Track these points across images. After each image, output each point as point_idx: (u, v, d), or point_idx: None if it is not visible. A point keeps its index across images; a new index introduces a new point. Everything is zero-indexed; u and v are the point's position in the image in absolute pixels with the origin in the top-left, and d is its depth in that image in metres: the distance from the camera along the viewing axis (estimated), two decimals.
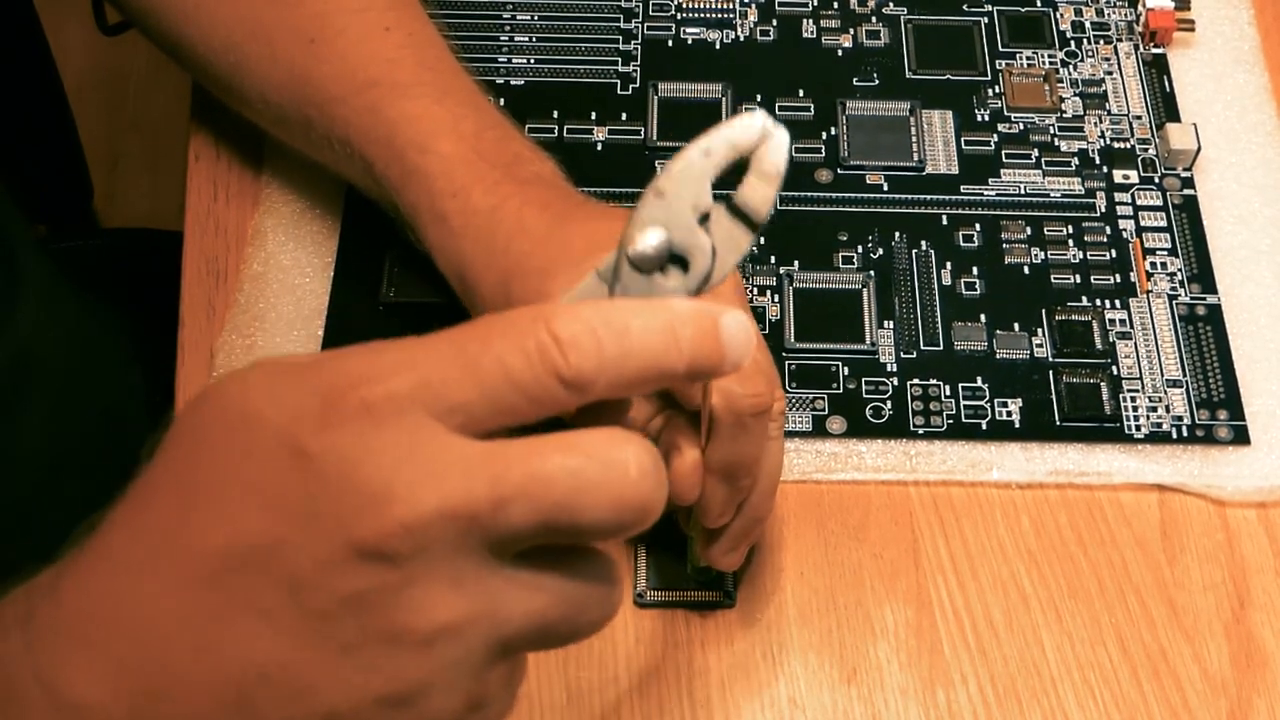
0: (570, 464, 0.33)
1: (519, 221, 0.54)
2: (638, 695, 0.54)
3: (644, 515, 0.34)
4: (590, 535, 0.34)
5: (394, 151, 0.56)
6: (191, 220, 0.66)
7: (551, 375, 0.34)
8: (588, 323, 0.34)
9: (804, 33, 0.73)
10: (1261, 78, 0.71)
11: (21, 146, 1.14)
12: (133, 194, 1.53)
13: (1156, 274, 0.64)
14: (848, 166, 0.68)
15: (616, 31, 0.72)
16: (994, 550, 0.58)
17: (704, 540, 0.52)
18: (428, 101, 0.57)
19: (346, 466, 0.33)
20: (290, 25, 0.60)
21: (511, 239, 0.53)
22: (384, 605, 0.33)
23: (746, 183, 0.38)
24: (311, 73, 0.59)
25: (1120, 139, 0.69)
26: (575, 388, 0.34)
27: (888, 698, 0.54)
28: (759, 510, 0.51)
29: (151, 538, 0.35)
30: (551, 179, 0.57)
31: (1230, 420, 0.60)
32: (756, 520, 0.51)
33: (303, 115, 0.59)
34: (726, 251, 0.38)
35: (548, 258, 0.52)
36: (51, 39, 1.10)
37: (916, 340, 0.62)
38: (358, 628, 0.33)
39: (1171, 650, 0.55)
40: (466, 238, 0.54)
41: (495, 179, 0.55)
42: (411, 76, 0.58)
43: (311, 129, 0.59)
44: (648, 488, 0.34)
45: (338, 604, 0.33)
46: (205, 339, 0.62)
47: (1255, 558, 0.58)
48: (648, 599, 0.56)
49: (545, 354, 0.34)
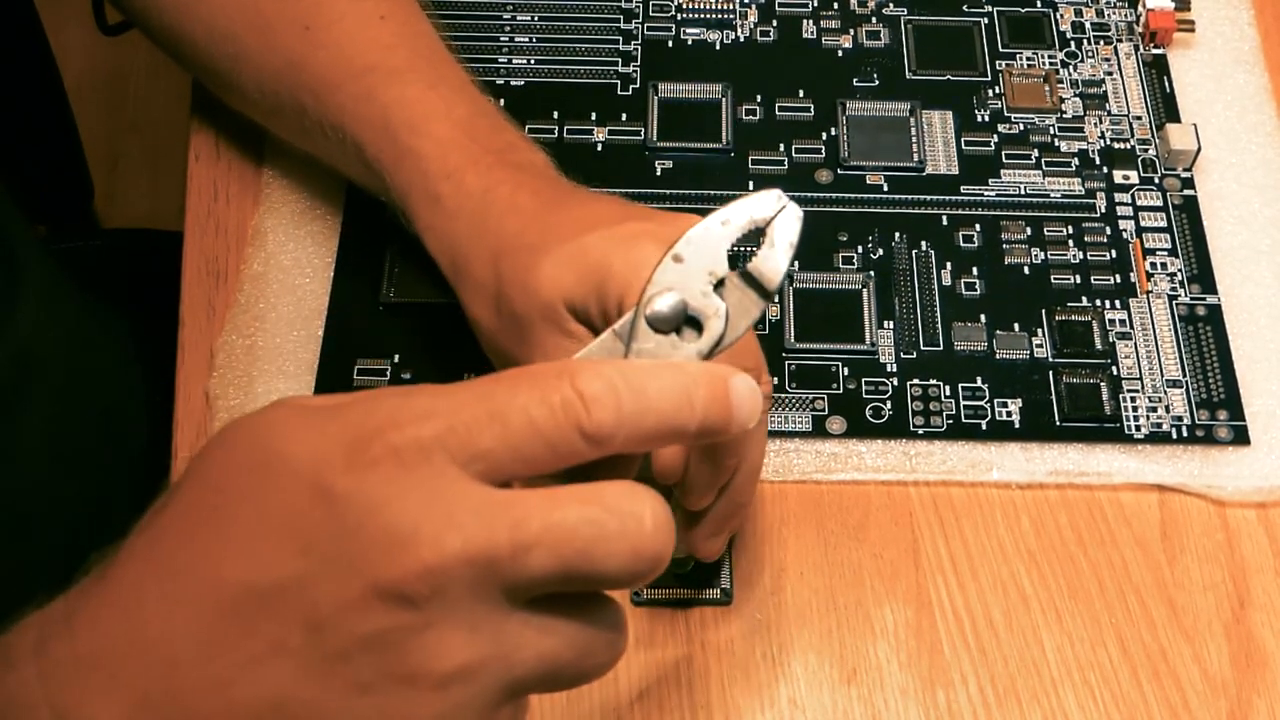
0: (590, 514, 0.34)
1: (511, 202, 0.54)
2: (638, 696, 0.54)
3: (657, 565, 0.35)
4: (606, 584, 0.35)
5: (387, 135, 0.57)
6: (192, 220, 0.66)
7: (574, 428, 0.35)
8: (610, 380, 0.35)
9: (804, 33, 0.73)
10: (1261, 78, 0.71)
11: (22, 147, 1.14)
12: (133, 194, 1.53)
13: (1156, 274, 0.64)
14: (848, 167, 0.68)
15: (616, 32, 0.72)
16: (994, 550, 0.58)
17: (685, 526, 0.52)
18: (422, 87, 0.58)
19: (371, 508, 0.34)
20: (287, 14, 0.60)
21: (503, 218, 0.54)
22: (402, 647, 0.34)
23: (760, 253, 0.40)
24: (307, 59, 0.59)
25: (1120, 139, 0.69)
26: (595, 442, 0.35)
27: (888, 698, 0.54)
28: (741, 494, 0.52)
29: (171, 570, 0.35)
30: (544, 168, 0.57)
31: (1230, 420, 0.60)
32: (738, 505, 0.52)
33: (297, 102, 0.60)
34: (739, 316, 0.40)
35: (538, 236, 0.52)
36: (52, 39, 1.11)
37: (916, 340, 0.62)
38: (375, 668, 0.34)
39: (1171, 650, 0.55)
40: (459, 218, 0.55)
41: (489, 163, 0.55)
42: (405, 63, 0.59)
43: (305, 116, 0.60)
44: (662, 540, 0.35)
45: (356, 644, 0.34)
46: (205, 339, 0.62)
47: (1255, 558, 0.58)
48: (644, 596, 0.56)
49: (570, 408, 0.35)
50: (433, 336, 0.62)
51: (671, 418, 0.36)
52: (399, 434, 0.34)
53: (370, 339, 0.62)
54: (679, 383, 0.36)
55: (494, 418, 0.35)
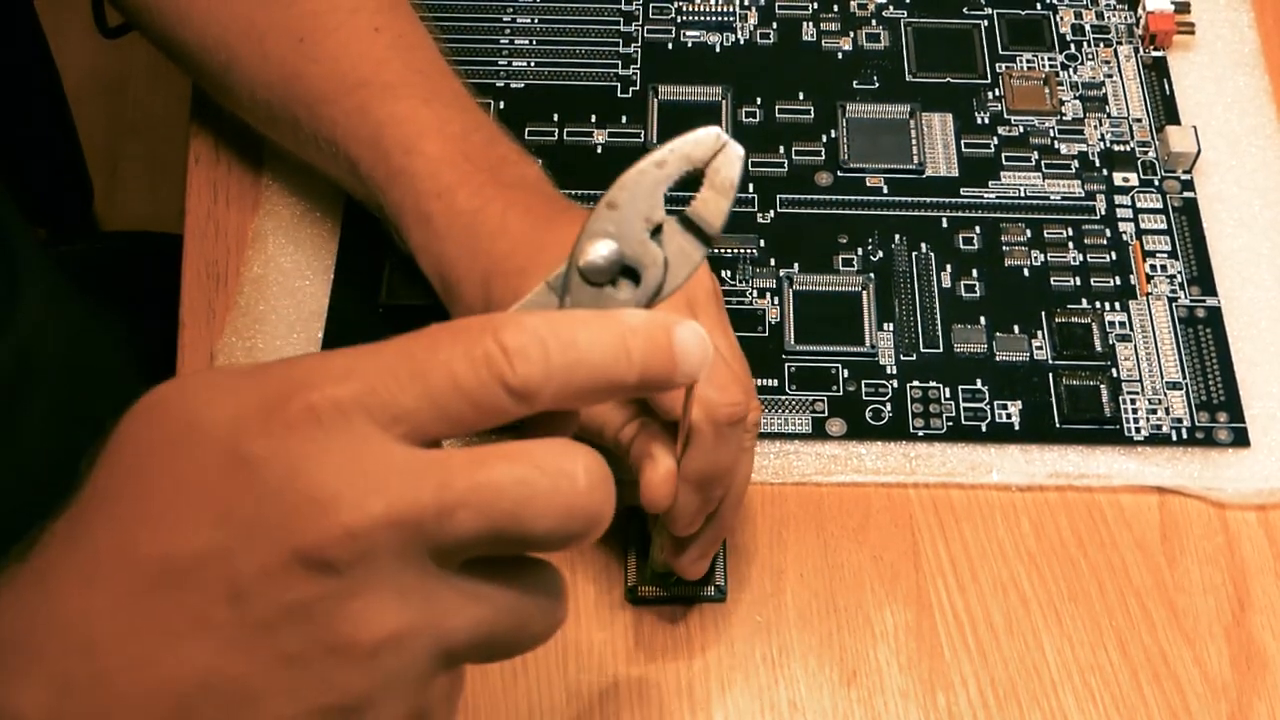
0: (518, 472, 0.33)
1: (501, 223, 0.54)
2: (638, 697, 0.54)
3: (593, 525, 0.34)
4: (538, 545, 0.34)
5: (380, 152, 0.57)
6: (192, 223, 0.66)
7: (498, 384, 0.33)
8: (535, 332, 0.34)
9: (804, 36, 0.73)
10: (1262, 80, 0.71)
11: (22, 149, 1.14)
12: (133, 197, 1.53)
13: (1156, 276, 0.64)
14: (848, 169, 0.68)
15: (617, 34, 0.72)
16: (994, 553, 0.58)
17: (672, 548, 0.52)
18: (415, 103, 0.57)
19: (289, 472, 0.32)
20: (281, 25, 0.60)
21: (494, 240, 0.53)
22: (327, 615, 0.32)
23: (700, 195, 0.38)
24: (301, 72, 0.59)
25: (1120, 142, 0.69)
26: (521, 397, 0.34)
27: (888, 700, 0.54)
28: (727, 521, 0.51)
29: (90, 549, 0.34)
30: (536, 183, 0.57)
31: (1230, 423, 0.60)
32: (724, 529, 0.52)
33: (291, 114, 0.60)
34: (679, 264, 0.38)
35: (527, 258, 0.52)
36: (52, 42, 1.11)
37: (916, 342, 0.62)
38: (301, 638, 0.33)
39: (1172, 653, 0.55)
40: (450, 239, 0.55)
41: (480, 181, 0.55)
42: (399, 78, 0.58)
43: (299, 128, 0.60)
44: (598, 498, 0.34)
45: (280, 613, 0.32)
46: (205, 342, 0.62)
47: (1255, 560, 0.58)
48: (640, 595, 0.56)
49: (492, 362, 0.33)
50: None
51: (607, 370, 0.35)
52: (317, 393, 0.33)
53: (370, 341, 0.62)
54: (613, 332, 0.35)
55: (415, 376, 0.33)
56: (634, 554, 0.56)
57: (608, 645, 0.55)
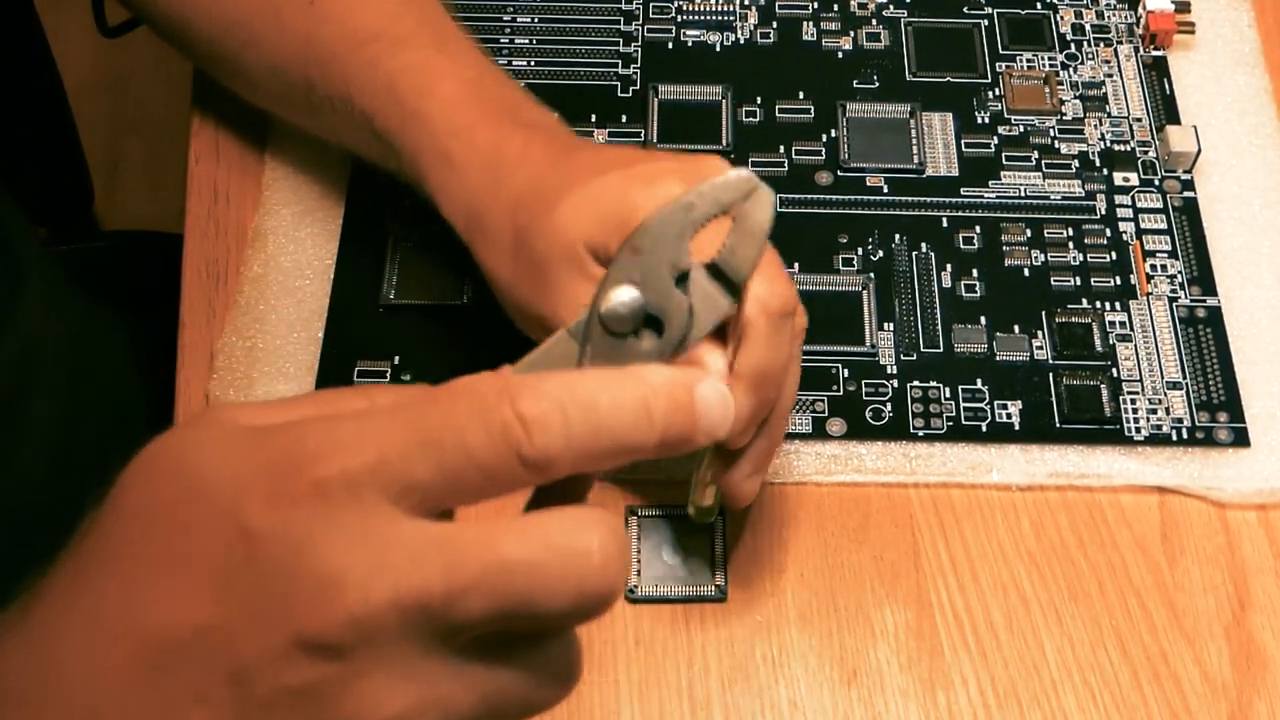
0: (530, 553, 0.32)
1: (524, 154, 0.53)
2: (638, 698, 0.54)
3: (606, 603, 0.33)
4: (551, 624, 0.34)
5: (394, 99, 0.56)
6: (192, 223, 0.66)
7: (514, 456, 0.32)
8: (555, 399, 0.33)
9: (804, 35, 0.73)
10: (1262, 80, 0.71)
11: (22, 149, 1.14)
12: (133, 197, 1.53)
13: (1157, 276, 0.64)
14: (848, 169, 0.68)
15: (617, 34, 0.72)
16: (994, 552, 0.58)
17: (722, 467, 0.50)
18: (428, 51, 0.57)
19: (294, 551, 0.32)
20: None
21: (517, 169, 0.53)
22: (330, 698, 0.32)
23: (728, 242, 0.36)
24: (313, 33, 0.59)
25: (1120, 141, 0.69)
26: (538, 469, 0.33)
27: (888, 700, 0.54)
28: (776, 431, 0.50)
29: (94, 612, 0.33)
30: (554, 126, 0.56)
31: (1230, 422, 0.60)
32: (774, 441, 0.50)
33: (305, 79, 0.60)
34: (704, 314, 0.36)
35: (554, 181, 0.51)
36: (52, 41, 1.11)
37: (916, 342, 0.62)
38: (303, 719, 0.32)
39: (1172, 652, 0.55)
40: (471, 172, 0.54)
41: (498, 119, 0.54)
42: (411, 30, 0.58)
43: (313, 91, 0.59)
44: (611, 574, 0.33)
45: (282, 695, 0.32)
46: (206, 341, 0.62)
47: (1255, 560, 0.58)
48: (639, 594, 0.56)
49: (509, 433, 0.32)
50: (433, 338, 0.62)
51: (627, 435, 0.33)
52: (325, 466, 0.32)
53: (370, 340, 0.62)
54: (635, 394, 0.33)
55: (427, 446, 0.32)
56: (635, 551, 0.56)
57: (607, 646, 0.55)
